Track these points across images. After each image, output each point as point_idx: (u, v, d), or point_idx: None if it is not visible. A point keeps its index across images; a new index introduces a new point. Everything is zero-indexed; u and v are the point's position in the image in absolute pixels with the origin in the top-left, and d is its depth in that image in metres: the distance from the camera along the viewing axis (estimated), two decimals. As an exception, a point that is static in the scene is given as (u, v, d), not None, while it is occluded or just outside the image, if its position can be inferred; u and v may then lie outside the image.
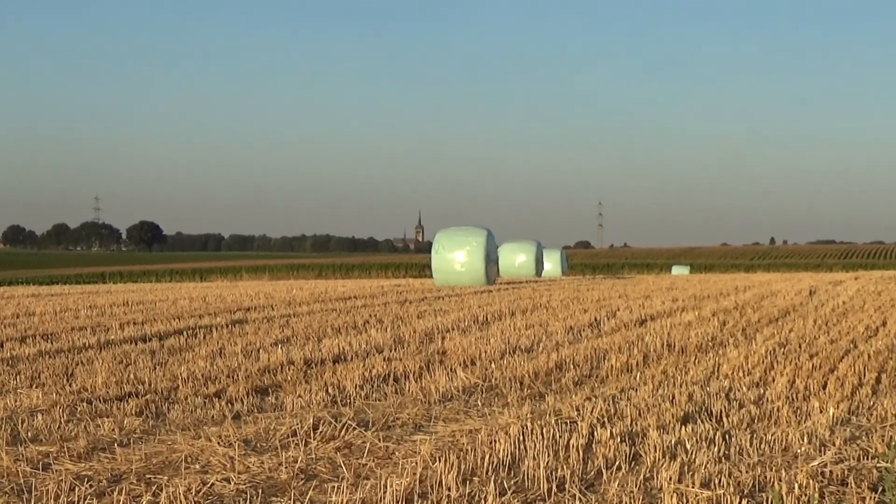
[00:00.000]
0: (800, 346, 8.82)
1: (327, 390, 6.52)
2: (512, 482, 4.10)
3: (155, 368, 7.71)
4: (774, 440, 4.85)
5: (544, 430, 5.00)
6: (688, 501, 3.83)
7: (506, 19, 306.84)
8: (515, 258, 41.01)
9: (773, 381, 6.79)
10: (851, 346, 8.86)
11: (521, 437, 4.89)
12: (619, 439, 4.82)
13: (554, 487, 4.04)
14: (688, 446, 4.70)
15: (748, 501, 3.82)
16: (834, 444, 4.75)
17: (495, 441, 4.81)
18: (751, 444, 4.76)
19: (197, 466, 4.45)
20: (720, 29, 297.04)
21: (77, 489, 4.08)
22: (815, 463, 4.33)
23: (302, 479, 4.23)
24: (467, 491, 3.98)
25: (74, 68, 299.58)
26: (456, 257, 25.46)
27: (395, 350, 8.79)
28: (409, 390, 6.57)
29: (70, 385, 6.80)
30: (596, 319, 11.99)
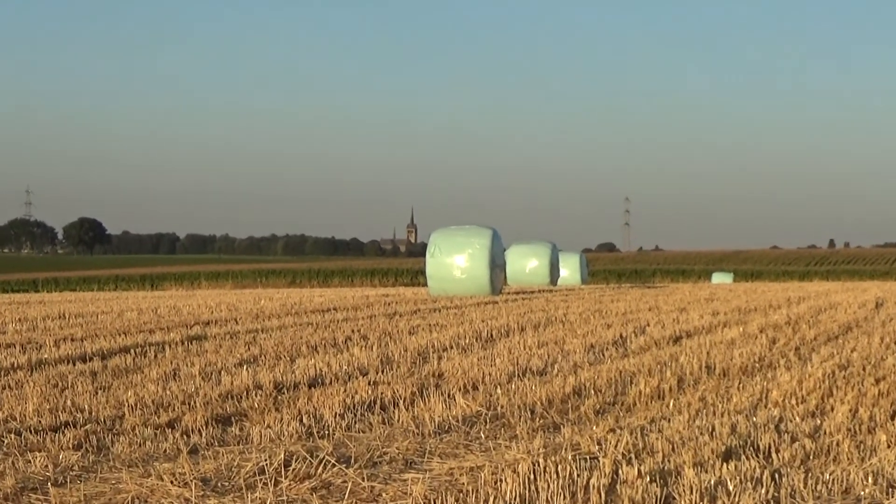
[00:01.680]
0: (864, 369, 8.82)
1: (301, 420, 6.51)
2: (521, 529, 4.10)
3: (96, 393, 7.69)
4: (833, 480, 4.85)
5: (559, 468, 5.00)
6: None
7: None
8: (526, 263, 41.04)
9: (832, 409, 6.79)
10: (925, 368, 8.87)
11: (532, 476, 4.89)
12: (648, 479, 4.82)
13: (571, 536, 4.04)
14: (730, 487, 4.70)
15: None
16: (904, 486, 4.75)
17: (501, 480, 4.81)
18: (805, 486, 4.76)
19: (146, 510, 4.45)
20: (775, 6, 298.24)
21: (3, 537, 4.08)
22: (882, 507, 4.33)
23: (271, 526, 4.22)
24: (468, 540, 3.97)
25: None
26: (455, 262, 25.46)
27: (383, 372, 8.78)
28: (398, 420, 6.56)
29: (-5, 413, 6.79)
30: (621, 336, 11.99)
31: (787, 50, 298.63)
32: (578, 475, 4.90)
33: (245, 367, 9.04)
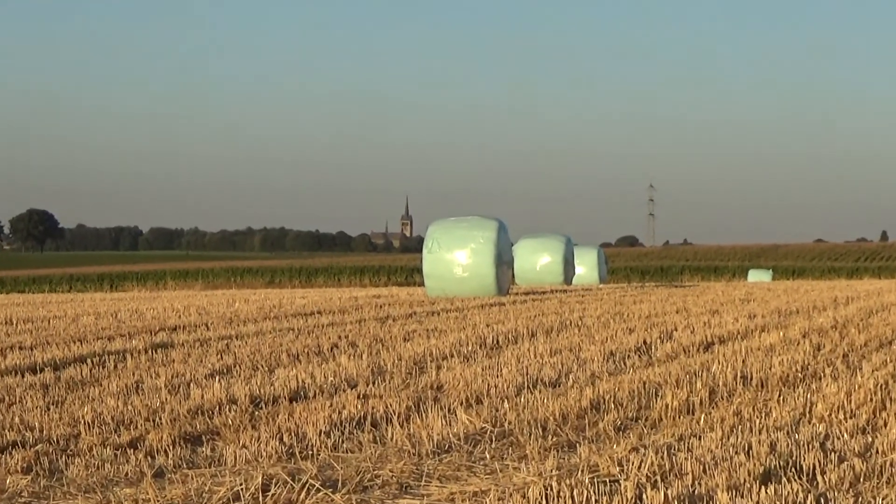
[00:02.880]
0: (921, 379, 8.81)
1: (282, 438, 6.51)
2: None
3: (48, 409, 7.69)
4: (886, 505, 4.84)
5: (575, 493, 4.99)
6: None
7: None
8: (537, 260, 41.03)
9: (885, 425, 6.79)
10: None
11: (544, 502, 4.89)
12: (676, 504, 4.82)
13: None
14: (769, 514, 4.69)
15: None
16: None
17: (509, 507, 4.81)
18: (854, 511, 4.76)
19: (105, 542, 4.45)
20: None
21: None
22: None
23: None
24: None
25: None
26: (456, 258, 25.46)
27: (374, 384, 8.78)
28: (392, 438, 6.56)
29: (-67, 431, 6.79)
30: (645, 342, 11.99)
31: (840, 26, 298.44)
32: (597, 500, 4.89)
33: (217, 379, 9.03)
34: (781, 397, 7.97)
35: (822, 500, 4.96)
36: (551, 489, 5.07)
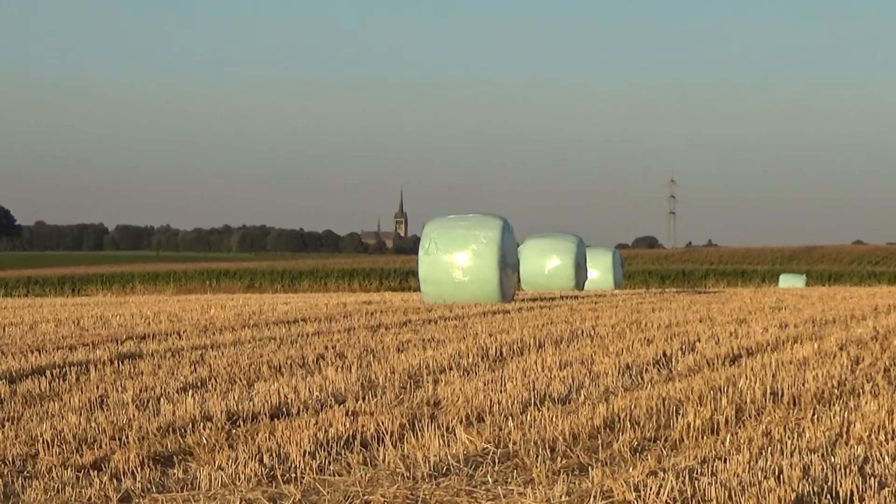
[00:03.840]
0: (970, 396, 8.82)
1: (262, 460, 6.51)
2: None
3: (2, 426, 7.69)
4: (931, 536, 4.84)
5: (587, 521, 4.99)
6: None
7: None
8: (545, 262, 41.06)
9: (931, 447, 6.79)
10: None
11: (553, 531, 4.88)
12: (698, 534, 4.82)
13: None
14: (802, 545, 4.70)
15: None
16: None
17: (513, 536, 4.80)
18: (896, 543, 4.76)
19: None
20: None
21: None
22: None
23: None
24: None
25: None
26: (455, 260, 25.46)
27: (364, 400, 8.78)
28: (383, 460, 6.56)
29: None
30: (665, 355, 12.00)
31: (882, 21, 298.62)
32: (611, 530, 4.89)
33: (190, 394, 9.03)
34: (816, 416, 7.96)
35: (861, 531, 4.96)
36: (560, 517, 5.06)
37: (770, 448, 6.81)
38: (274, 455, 6.64)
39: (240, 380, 10.02)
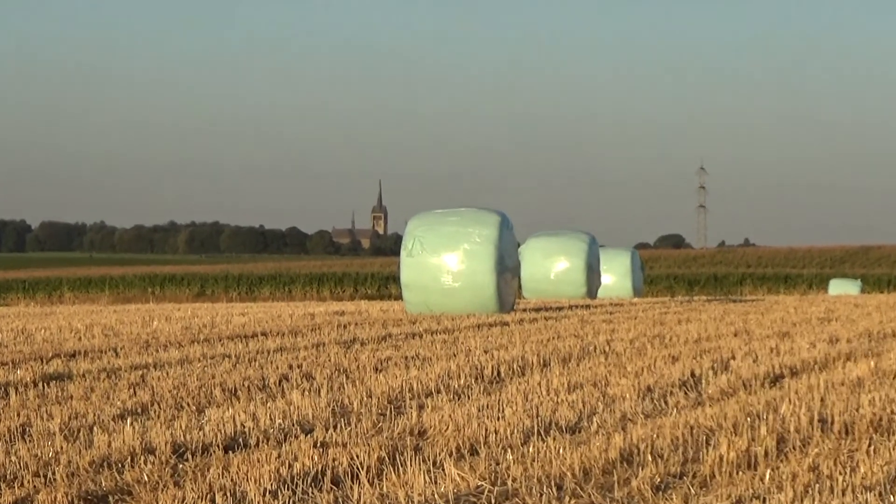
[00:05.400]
0: None
1: (213, 499, 6.50)
2: None
3: None
4: None
5: (601, 573, 4.98)
6: None
7: None
8: (551, 265, 41.14)
9: None
10: None
11: (560, 585, 4.87)
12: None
13: None
14: None
15: None
16: None
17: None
18: None
19: None
20: None
21: None
22: None
23: None
24: None
25: None
26: (445, 263, 25.47)
27: (336, 429, 8.79)
28: (358, 500, 6.55)
29: None
30: (693, 375, 12.00)
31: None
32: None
33: (129, 422, 9.04)
34: (872, 447, 7.97)
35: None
36: (569, 568, 5.06)
37: (818, 485, 6.81)
38: (228, 494, 6.64)
39: (188, 405, 10.01)
